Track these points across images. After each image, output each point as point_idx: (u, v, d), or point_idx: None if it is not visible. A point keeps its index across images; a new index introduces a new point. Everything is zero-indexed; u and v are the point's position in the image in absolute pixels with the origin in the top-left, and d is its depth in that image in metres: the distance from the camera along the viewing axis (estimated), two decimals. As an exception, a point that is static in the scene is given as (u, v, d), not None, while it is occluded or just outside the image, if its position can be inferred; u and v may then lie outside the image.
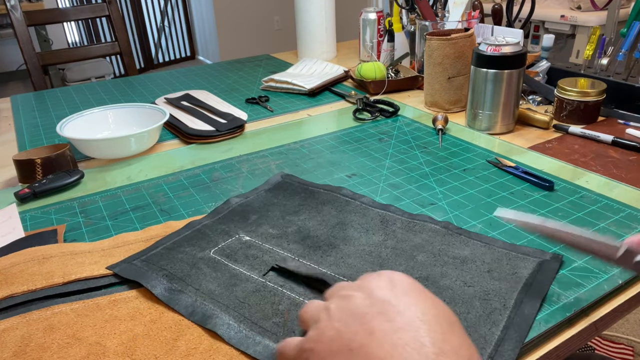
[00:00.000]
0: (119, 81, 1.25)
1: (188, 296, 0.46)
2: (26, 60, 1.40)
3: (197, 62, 4.69)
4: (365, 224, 0.57)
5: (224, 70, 1.31)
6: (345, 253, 0.52)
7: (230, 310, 0.44)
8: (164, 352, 0.40)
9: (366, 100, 0.97)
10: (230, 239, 0.55)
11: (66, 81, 3.37)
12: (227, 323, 0.43)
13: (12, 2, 1.36)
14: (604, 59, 0.94)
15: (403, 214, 0.59)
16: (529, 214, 0.53)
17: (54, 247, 0.54)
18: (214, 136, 0.85)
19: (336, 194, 0.64)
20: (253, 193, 0.65)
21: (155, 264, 0.50)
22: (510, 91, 0.79)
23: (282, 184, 0.67)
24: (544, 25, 2.14)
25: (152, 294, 0.47)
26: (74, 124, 0.82)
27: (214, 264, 0.51)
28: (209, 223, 0.58)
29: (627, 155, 0.73)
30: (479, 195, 0.64)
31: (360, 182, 0.68)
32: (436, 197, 0.64)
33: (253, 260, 0.51)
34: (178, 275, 0.49)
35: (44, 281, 0.48)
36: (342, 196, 0.63)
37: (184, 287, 0.47)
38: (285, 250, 0.53)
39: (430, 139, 0.81)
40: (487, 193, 0.64)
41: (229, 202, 0.62)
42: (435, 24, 1.02)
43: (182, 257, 0.51)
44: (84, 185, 0.71)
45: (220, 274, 0.49)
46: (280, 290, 0.47)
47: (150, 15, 4.42)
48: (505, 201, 0.62)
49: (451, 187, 0.66)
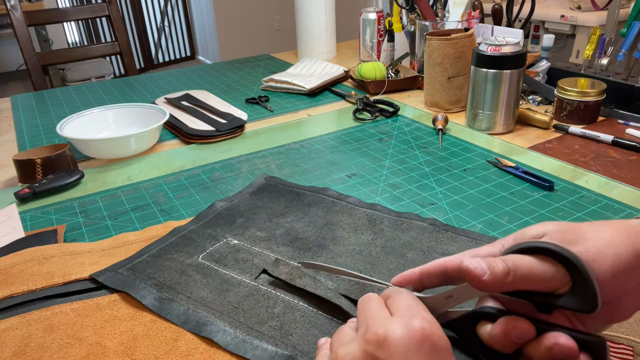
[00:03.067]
0: (119, 81, 1.25)
1: (180, 305, 0.45)
2: (26, 60, 1.40)
3: (197, 62, 4.69)
4: (353, 224, 0.57)
5: (224, 70, 1.31)
6: (336, 253, 0.52)
7: (224, 316, 0.44)
8: (164, 352, 0.40)
9: (366, 100, 0.97)
10: (218, 243, 0.54)
11: (66, 81, 3.37)
12: (222, 329, 0.42)
13: (12, 2, 1.36)
14: (604, 59, 0.94)
15: (390, 213, 0.59)
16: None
17: (54, 247, 0.54)
18: (214, 136, 0.85)
19: (322, 195, 0.63)
20: (237, 196, 0.64)
21: (142, 272, 0.49)
22: (510, 91, 0.79)
23: (266, 186, 0.66)
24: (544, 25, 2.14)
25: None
26: (74, 124, 0.82)
27: (204, 269, 0.50)
28: (195, 228, 0.57)
29: (627, 155, 0.73)
30: (479, 195, 0.64)
31: (360, 182, 0.68)
32: (436, 197, 0.64)
33: (243, 264, 0.50)
34: (167, 283, 0.48)
35: (44, 281, 0.48)
36: (327, 197, 0.63)
37: (174, 296, 0.46)
38: (275, 252, 0.52)
39: (430, 139, 0.81)
40: (487, 193, 0.64)
41: (214, 206, 0.61)
42: (435, 24, 1.02)
43: (170, 265, 0.50)
44: (84, 185, 0.71)
45: (211, 279, 0.48)
46: (274, 294, 0.46)
47: (150, 15, 4.42)
48: (505, 201, 0.62)
49: (451, 187, 0.66)
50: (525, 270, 0.33)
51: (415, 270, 0.39)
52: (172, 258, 0.51)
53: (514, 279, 0.32)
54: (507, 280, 0.32)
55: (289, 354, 0.40)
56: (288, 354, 0.40)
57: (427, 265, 0.38)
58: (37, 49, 1.43)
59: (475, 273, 0.33)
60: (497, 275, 0.32)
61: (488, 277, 0.32)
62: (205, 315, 0.44)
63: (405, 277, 0.39)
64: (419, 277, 0.38)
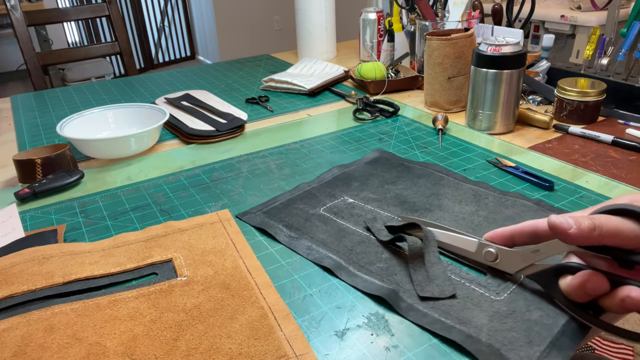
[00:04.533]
0: (119, 81, 1.25)
1: (305, 242, 0.54)
2: (26, 60, 1.40)
3: (197, 62, 4.69)
4: (459, 196, 0.61)
5: (224, 70, 1.31)
6: (440, 217, 0.57)
7: (340, 254, 0.51)
8: (164, 352, 0.40)
9: (366, 100, 0.97)
10: (336, 200, 0.62)
11: (66, 81, 3.37)
12: (338, 263, 0.50)
13: (12, 2, 1.36)
14: (604, 59, 0.94)
15: (494, 190, 0.62)
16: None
17: (54, 247, 0.54)
18: (214, 136, 0.85)
19: (430, 169, 0.69)
20: (353, 164, 0.71)
21: (275, 216, 0.59)
22: (510, 91, 0.79)
23: (379, 158, 0.73)
24: (544, 25, 2.14)
25: (153, 292, 0.47)
26: (74, 124, 0.82)
27: (324, 219, 0.58)
28: (316, 186, 0.66)
29: (627, 155, 0.73)
30: (479, 195, 0.64)
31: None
32: (436, 197, 0.64)
33: (357, 218, 0.58)
34: (295, 226, 0.57)
35: (44, 281, 0.48)
36: (435, 172, 0.68)
37: (300, 235, 0.55)
38: (386, 211, 0.59)
39: (430, 139, 0.81)
40: (487, 193, 0.64)
41: (332, 170, 0.70)
42: (435, 24, 1.02)
43: (297, 212, 0.59)
44: (84, 185, 0.71)
45: (330, 227, 0.56)
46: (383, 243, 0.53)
47: (150, 15, 4.42)
48: (505, 201, 0.62)
49: (451, 187, 0.66)
50: (612, 227, 0.37)
51: (507, 228, 0.45)
52: (298, 207, 0.61)
53: (600, 234, 0.37)
54: (594, 234, 0.37)
55: (393, 288, 0.46)
56: (392, 289, 0.46)
57: (519, 224, 0.44)
58: (37, 49, 1.43)
59: (562, 227, 0.38)
60: (583, 229, 0.37)
61: (574, 230, 0.37)
62: (325, 252, 0.52)
63: (497, 233, 0.46)
64: (510, 235, 0.45)
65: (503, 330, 0.41)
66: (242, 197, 0.65)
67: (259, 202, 0.64)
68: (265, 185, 0.68)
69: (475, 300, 0.44)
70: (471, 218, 0.57)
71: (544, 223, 0.42)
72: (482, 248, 0.47)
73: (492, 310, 0.43)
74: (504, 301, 0.44)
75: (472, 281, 0.47)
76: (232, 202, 0.64)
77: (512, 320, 0.41)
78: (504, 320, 0.42)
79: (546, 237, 0.42)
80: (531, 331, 0.40)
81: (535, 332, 0.40)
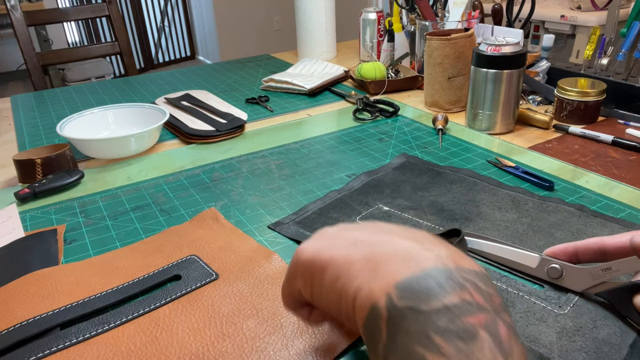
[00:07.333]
0: (119, 81, 1.25)
1: None
2: (26, 60, 1.40)
3: (197, 62, 4.68)
4: (497, 203, 0.59)
5: (224, 70, 1.31)
6: (482, 226, 0.55)
7: None
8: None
9: (366, 100, 0.97)
10: (371, 208, 0.60)
11: (66, 81, 3.37)
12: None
13: (12, 2, 1.36)
14: (604, 59, 0.94)
15: (533, 196, 0.61)
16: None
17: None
18: (214, 136, 0.85)
19: (462, 174, 0.67)
20: (381, 170, 0.69)
21: (310, 227, 0.56)
22: (510, 91, 0.79)
23: (406, 164, 0.71)
24: (544, 25, 2.14)
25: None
26: (74, 124, 0.82)
27: None
28: (347, 194, 0.63)
29: (627, 155, 0.73)
30: (479, 195, 0.64)
31: (360, 182, 0.68)
32: (436, 197, 0.64)
33: None
34: None
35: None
36: (468, 177, 0.66)
37: None
38: (424, 220, 0.57)
39: (430, 139, 0.81)
40: (487, 193, 0.64)
41: (359, 177, 0.67)
42: (435, 24, 1.02)
43: (332, 223, 0.56)
44: (84, 185, 0.71)
45: None
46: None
47: (150, 15, 4.42)
48: (505, 201, 0.62)
49: (451, 187, 0.66)
50: None
51: (570, 244, 0.44)
52: (332, 217, 0.58)
53: None
54: None
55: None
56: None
57: (584, 241, 0.43)
58: (37, 49, 1.43)
59: None
60: None
61: None
62: None
63: (560, 249, 0.44)
64: (574, 251, 0.44)
65: (574, 350, 0.39)
66: (242, 197, 0.65)
67: (259, 201, 0.64)
68: (265, 185, 0.68)
69: (538, 315, 0.42)
70: (514, 226, 0.54)
71: (611, 241, 0.41)
72: (544, 264, 0.45)
73: (559, 326, 0.41)
74: (568, 315, 0.42)
75: (531, 294, 0.44)
76: (232, 202, 0.64)
77: (581, 339, 0.40)
78: (573, 338, 0.40)
79: (614, 255, 0.41)
80: (600, 352, 0.38)
81: (604, 354, 0.38)
